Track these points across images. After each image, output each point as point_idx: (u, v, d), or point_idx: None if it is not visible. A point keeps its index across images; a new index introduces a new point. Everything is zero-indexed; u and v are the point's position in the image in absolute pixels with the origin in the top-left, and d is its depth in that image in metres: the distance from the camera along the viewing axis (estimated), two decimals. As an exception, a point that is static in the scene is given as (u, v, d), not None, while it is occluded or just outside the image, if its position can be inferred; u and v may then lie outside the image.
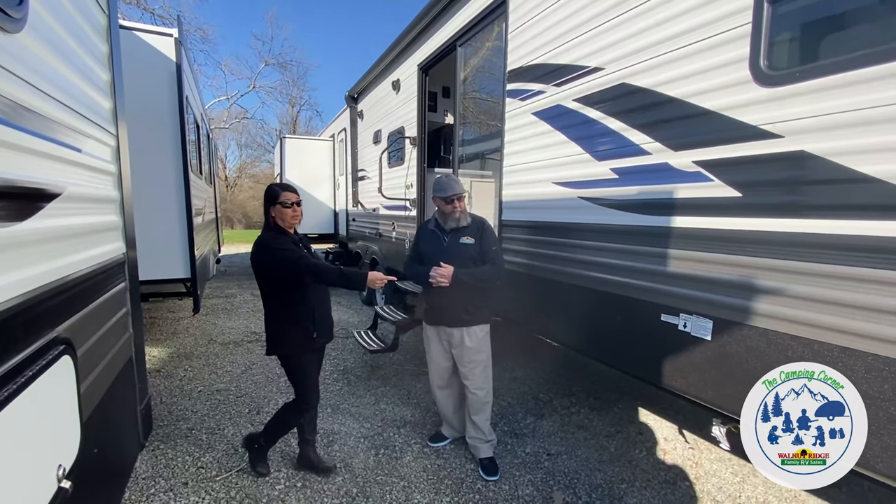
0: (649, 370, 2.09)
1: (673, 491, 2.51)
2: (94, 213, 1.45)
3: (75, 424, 1.05)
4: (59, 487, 0.90)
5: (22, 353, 0.86)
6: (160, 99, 3.60)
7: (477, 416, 2.67)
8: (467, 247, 2.55)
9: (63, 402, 0.99)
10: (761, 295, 1.59)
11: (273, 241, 2.22)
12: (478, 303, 2.57)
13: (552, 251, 2.72)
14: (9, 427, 0.76)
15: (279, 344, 2.34)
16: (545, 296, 2.83)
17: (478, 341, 2.59)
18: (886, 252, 1.28)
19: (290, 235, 2.32)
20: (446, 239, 2.59)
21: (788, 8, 1.55)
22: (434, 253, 2.57)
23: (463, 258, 2.52)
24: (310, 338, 2.32)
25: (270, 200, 2.27)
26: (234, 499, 2.31)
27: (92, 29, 1.47)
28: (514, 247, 3.08)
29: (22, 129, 0.93)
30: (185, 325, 5.67)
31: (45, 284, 1.00)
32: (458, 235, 2.56)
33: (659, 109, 1.96)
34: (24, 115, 0.95)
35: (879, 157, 1.30)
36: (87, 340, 1.23)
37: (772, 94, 1.54)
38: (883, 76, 1.28)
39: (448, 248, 2.56)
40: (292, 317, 2.29)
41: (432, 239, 2.65)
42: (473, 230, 2.58)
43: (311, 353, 2.41)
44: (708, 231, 1.78)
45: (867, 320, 1.33)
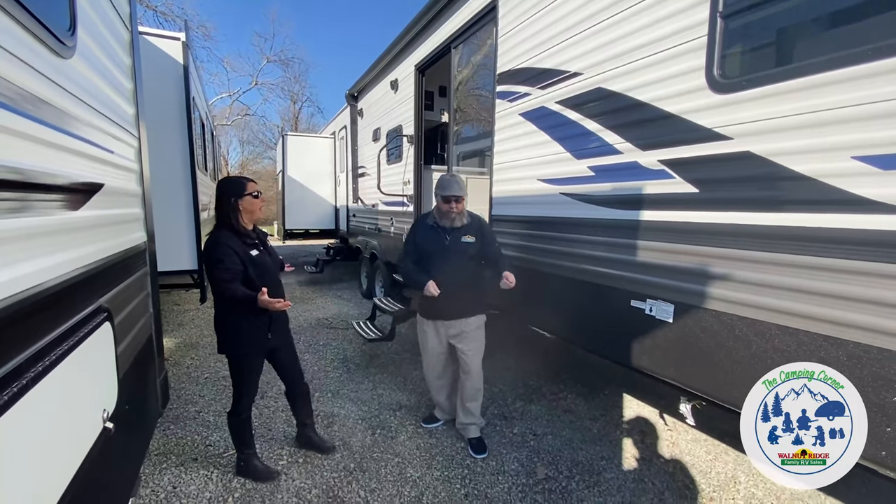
0: (621, 352, 2.27)
1: (648, 467, 2.70)
2: (124, 206, 1.66)
3: (114, 379, 1.25)
4: (104, 427, 1.11)
5: (79, 314, 1.07)
6: (169, 100, 3.78)
7: (470, 402, 2.83)
8: (469, 245, 2.60)
9: (105, 358, 1.19)
10: (714, 281, 1.78)
11: (215, 247, 2.11)
12: (475, 298, 2.70)
13: (536, 244, 2.90)
14: (70, 372, 0.96)
15: (232, 344, 2.24)
16: (531, 286, 3.01)
17: (474, 329, 2.72)
18: (816, 241, 1.46)
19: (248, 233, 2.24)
20: (448, 237, 2.61)
21: (738, 23, 1.72)
22: (435, 251, 2.61)
23: (464, 257, 2.60)
24: (263, 337, 2.27)
25: (236, 193, 2.16)
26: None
27: (119, 45, 1.67)
28: (503, 240, 3.26)
29: (73, 136, 1.13)
30: (190, 316, 5.88)
31: (92, 262, 1.21)
32: (460, 234, 2.60)
33: (629, 112, 2.14)
34: (73, 124, 1.15)
35: (809, 158, 1.48)
36: (121, 312, 1.43)
37: (723, 100, 1.72)
38: (812, 86, 1.46)
39: (450, 246, 2.60)
40: (246, 316, 2.17)
41: (433, 236, 2.65)
42: (473, 229, 2.64)
43: (261, 354, 2.35)
44: (670, 224, 1.96)
45: (799, 301, 1.51)
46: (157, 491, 2.34)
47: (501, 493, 2.42)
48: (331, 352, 4.56)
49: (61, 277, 1.02)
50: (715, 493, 2.46)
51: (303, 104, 31.94)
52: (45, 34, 0.99)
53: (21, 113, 0.87)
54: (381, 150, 5.79)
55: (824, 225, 1.44)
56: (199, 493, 2.34)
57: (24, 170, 0.87)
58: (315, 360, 4.33)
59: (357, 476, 2.52)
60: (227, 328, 2.24)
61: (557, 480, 2.54)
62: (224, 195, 2.19)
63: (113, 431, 1.14)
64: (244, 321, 2.19)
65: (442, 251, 2.60)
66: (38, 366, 0.83)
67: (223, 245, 2.12)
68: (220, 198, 2.20)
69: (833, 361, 1.42)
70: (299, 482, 2.44)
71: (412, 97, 4.84)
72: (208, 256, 2.12)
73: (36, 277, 0.91)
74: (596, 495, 2.42)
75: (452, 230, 2.61)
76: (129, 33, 1.81)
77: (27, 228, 0.90)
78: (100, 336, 1.14)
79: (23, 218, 0.88)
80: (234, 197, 2.17)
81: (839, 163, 1.40)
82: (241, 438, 2.44)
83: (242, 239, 2.21)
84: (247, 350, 2.28)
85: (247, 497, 2.31)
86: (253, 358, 2.33)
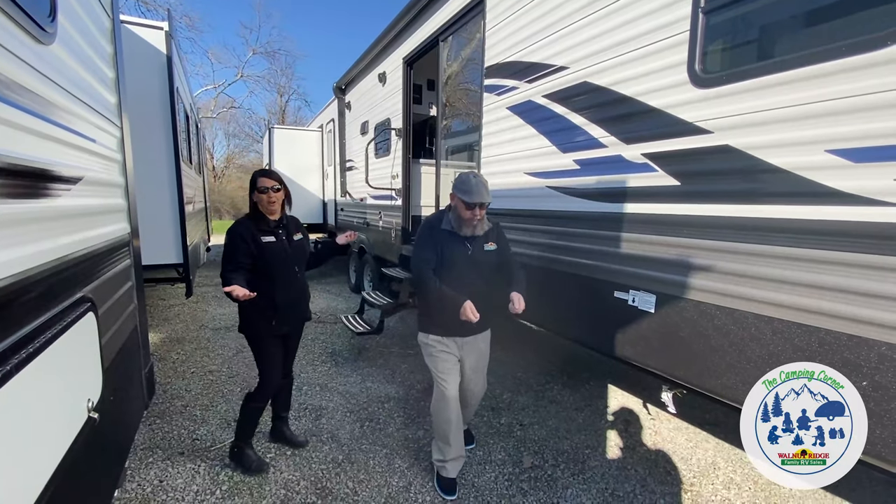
0: (605, 342, 2.32)
1: (631, 455, 2.76)
2: (107, 196, 1.64)
3: (98, 369, 1.24)
4: (88, 416, 1.11)
5: (62, 304, 1.06)
6: (152, 90, 3.71)
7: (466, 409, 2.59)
8: (491, 254, 2.34)
9: (89, 348, 1.19)
10: (694, 271, 1.82)
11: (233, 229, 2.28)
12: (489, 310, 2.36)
13: (523, 237, 2.93)
14: (53, 361, 0.96)
15: (243, 325, 2.41)
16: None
17: (486, 343, 2.51)
18: (792, 232, 1.51)
19: (267, 221, 2.34)
20: (470, 246, 2.29)
21: (718, 19, 1.76)
22: (458, 261, 2.27)
23: (487, 267, 2.34)
24: (269, 325, 2.36)
25: (252, 187, 2.35)
26: (228, 466, 2.50)
27: (101, 33, 1.64)
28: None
29: (54, 123, 1.11)
30: (176, 311, 5.82)
31: (74, 252, 1.20)
32: (482, 242, 2.32)
33: (614, 106, 2.17)
34: (54, 111, 1.13)
35: (785, 151, 1.52)
36: (105, 303, 1.42)
37: (704, 94, 1.76)
38: (789, 81, 1.50)
39: (474, 255, 2.29)
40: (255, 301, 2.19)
41: (454, 244, 2.28)
42: (493, 234, 2.36)
43: (272, 338, 2.42)
44: (653, 216, 2.00)
45: (774, 290, 1.56)
46: (144, 485, 2.33)
47: (488, 482, 2.46)
48: (319, 346, 4.56)
49: (42, 266, 1.01)
50: (696, 478, 2.53)
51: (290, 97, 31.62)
52: (25, 19, 0.98)
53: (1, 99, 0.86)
54: (370, 144, 5.77)
55: (800, 216, 1.49)
56: (186, 486, 2.34)
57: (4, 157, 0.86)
58: (303, 353, 4.32)
59: (345, 467, 2.54)
60: (240, 311, 2.38)
61: (543, 469, 2.59)
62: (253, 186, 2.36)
63: (98, 421, 1.14)
64: (250, 306, 2.26)
65: (466, 262, 2.27)
66: (22, 353, 0.83)
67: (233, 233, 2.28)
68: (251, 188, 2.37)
69: (805, 349, 1.48)
70: (287, 474, 2.45)
71: (400, 90, 4.82)
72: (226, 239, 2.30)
73: (16, 265, 0.90)
74: (581, 483, 2.47)
75: (474, 238, 2.30)
76: (111, 21, 1.77)
77: (6, 216, 0.89)
78: (83, 326, 1.14)
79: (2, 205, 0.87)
80: (252, 190, 2.36)
81: (814, 156, 1.44)
82: (245, 425, 2.49)
83: (258, 225, 2.33)
84: (254, 333, 2.40)
85: (235, 490, 2.32)
86: (263, 341, 2.41)
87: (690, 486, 2.47)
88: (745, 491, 2.44)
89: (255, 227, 2.31)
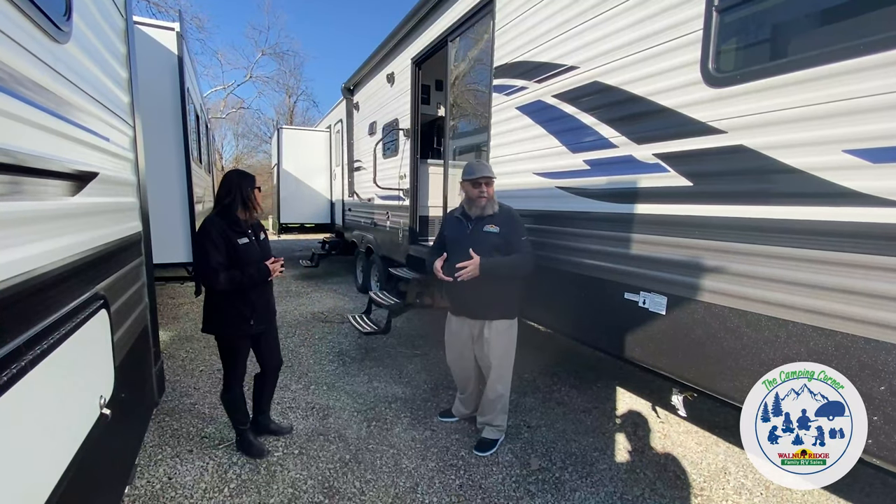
0: (614, 344, 2.30)
1: (640, 458, 2.73)
2: (120, 195, 1.65)
3: (110, 366, 1.25)
4: (101, 413, 1.11)
5: (75, 300, 1.07)
6: (163, 90, 3.75)
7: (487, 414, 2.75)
8: (490, 235, 2.44)
9: (102, 345, 1.20)
10: (707, 273, 1.80)
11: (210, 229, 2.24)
12: (500, 295, 2.49)
13: (532, 238, 2.91)
14: (67, 357, 0.97)
15: (214, 324, 2.39)
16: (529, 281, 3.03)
17: (497, 335, 2.53)
18: (807, 233, 1.48)
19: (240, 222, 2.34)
20: (470, 226, 2.51)
21: (733, 17, 1.74)
22: (457, 239, 2.52)
23: (485, 246, 2.43)
24: (245, 323, 2.37)
25: (251, 184, 2.34)
26: (236, 464, 2.51)
27: (114, 33, 1.65)
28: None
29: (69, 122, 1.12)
30: (185, 310, 5.86)
31: (88, 249, 1.21)
32: (483, 223, 2.47)
33: (625, 106, 2.15)
34: (69, 110, 1.14)
35: (801, 151, 1.50)
36: (117, 300, 1.43)
37: (718, 94, 1.74)
38: (805, 80, 1.47)
39: (472, 234, 2.48)
40: (229, 299, 2.28)
41: (456, 225, 2.59)
42: (500, 219, 2.48)
43: (245, 338, 2.45)
44: (664, 217, 1.98)
45: (789, 293, 1.53)
46: (153, 482, 2.35)
47: (496, 483, 2.44)
48: (326, 345, 4.57)
49: (57, 263, 1.02)
50: (706, 483, 2.50)
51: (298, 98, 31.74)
52: (42, 18, 0.99)
53: (17, 96, 0.87)
54: (378, 144, 5.78)
55: (815, 218, 1.46)
56: (194, 483, 2.35)
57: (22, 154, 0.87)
58: (310, 353, 4.34)
59: (352, 467, 2.53)
60: (213, 310, 2.38)
61: (551, 471, 2.57)
62: (239, 184, 2.33)
63: (109, 418, 1.15)
64: (229, 306, 2.31)
65: (462, 239, 2.51)
66: (37, 349, 0.83)
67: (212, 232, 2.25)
68: (233, 187, 2.32)
69: (822, 352, 1.45)
70: (294, 473, 2.45)
71: (409, 91, 4.83)
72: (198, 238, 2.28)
73: (32, 262, 0.91)
74: (589, 486, 2.45)
75: (476, 219, 2.50)
76: (124, 21, 1.79)
77: (23, 213, 0.90)
78: (96, 323, 1.15)
79: (19, 202, 0.88)
80: (251, 187, 2.35)
81: (830, 156, 1.42)
82: (233, 414, 2.58)
83: (233, 227, 2.32)
84: (231, 333, 2.41)
85: (243, 488, 2.32)
86: (238, 340, 2.45)
87: (700, 491, 2.44)
88: (757, 496, 2.40)
89: (230, 229, 2.30)
